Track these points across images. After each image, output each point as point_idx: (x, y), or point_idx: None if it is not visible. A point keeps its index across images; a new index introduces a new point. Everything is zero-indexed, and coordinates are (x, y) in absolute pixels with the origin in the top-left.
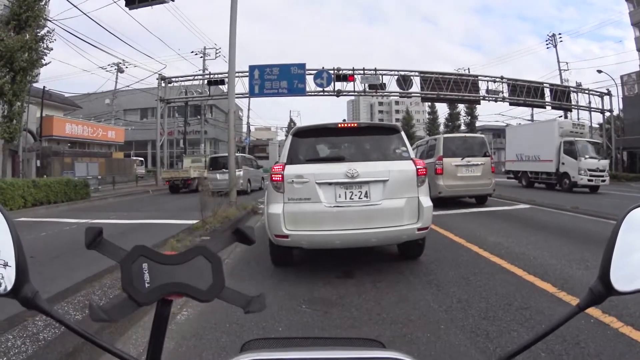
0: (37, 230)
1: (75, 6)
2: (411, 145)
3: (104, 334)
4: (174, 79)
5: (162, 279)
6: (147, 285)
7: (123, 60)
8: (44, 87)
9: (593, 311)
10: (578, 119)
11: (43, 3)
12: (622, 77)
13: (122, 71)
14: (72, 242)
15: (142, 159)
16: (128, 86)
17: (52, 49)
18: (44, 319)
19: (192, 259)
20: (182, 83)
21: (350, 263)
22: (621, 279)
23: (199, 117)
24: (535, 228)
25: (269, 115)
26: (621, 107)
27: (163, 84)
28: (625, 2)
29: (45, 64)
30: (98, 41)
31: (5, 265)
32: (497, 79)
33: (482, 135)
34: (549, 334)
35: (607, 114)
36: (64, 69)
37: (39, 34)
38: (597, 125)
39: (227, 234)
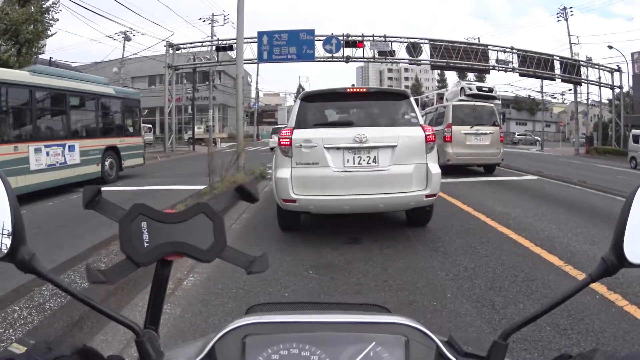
0: (43, 199)
1: None
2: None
3: (110, 301)
4: (181, 46)
5: (162, 238)
6: (145, 244)
7: (130, 28)
8: (50, 57)
9: (599, 287)
10: (588, 93)
11: None
12: (632, 54)
13: (129, 39)
14: (79, 210)
15: (150, 125)
16: (136, 54)
17: (57, 20)
18: (50, 289)
19: (192, 217)
20: (190, 50)
21: (358, 229)
22: (635, 250)
23: (207, 83)
24: (542, 200)
25: (278, 81)
26: (631, 84)
27: (171, 51)
28: None
29: (51, 35)
30: (104, 10)
31: (2, 224)
32: (507, 49)
33: (492, 104)
34: (560, 304)
35: (617, 90)
36: (71, 39)
37: (44, 6)
38: (607, 101)
39: (230, 191)
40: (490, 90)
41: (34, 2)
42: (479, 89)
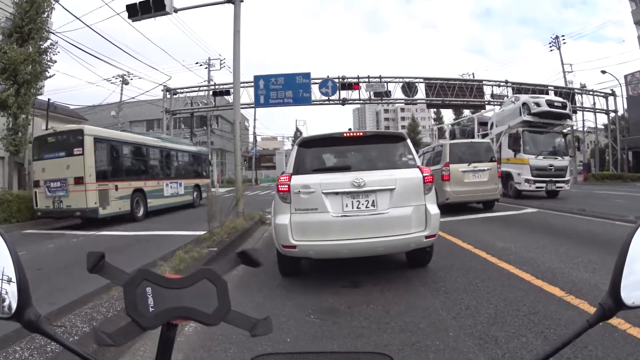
0: (44, 242)
1: (78, 18)
2: (417, 151)
3: (111, 348)
4: (179, 90)
5: (167, 303)
6: (151, 309)
7: (128, 72)
8: (48, 99)
9: None
10: (583, 120)
11: (45, 16)
12: (625, 76)
13: (127, 83)
14: (80, 254)
15: None
16: (133, 98)
17: (55, 62)
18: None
19: (196, 283)
20: (187, 94)
21: (358, 272)
22: (632, 293)
23: (205, 128)
24: (542, 232)
25: (275, 125)
26: (626, 107)
27: (168, 96)
28: (627, 1)
29: (50, 77)
30: (102, 53)
31: (8, 286)
32: (502, 83)
33: (488, 141)
34: (560, 350)
35: (612, 114)
36: (69, 81)
37: (42, 47)
38: (602, 126)
39: (233, 256)
40: (564, 106)
41: (32, 42)
42: (550, 104)
